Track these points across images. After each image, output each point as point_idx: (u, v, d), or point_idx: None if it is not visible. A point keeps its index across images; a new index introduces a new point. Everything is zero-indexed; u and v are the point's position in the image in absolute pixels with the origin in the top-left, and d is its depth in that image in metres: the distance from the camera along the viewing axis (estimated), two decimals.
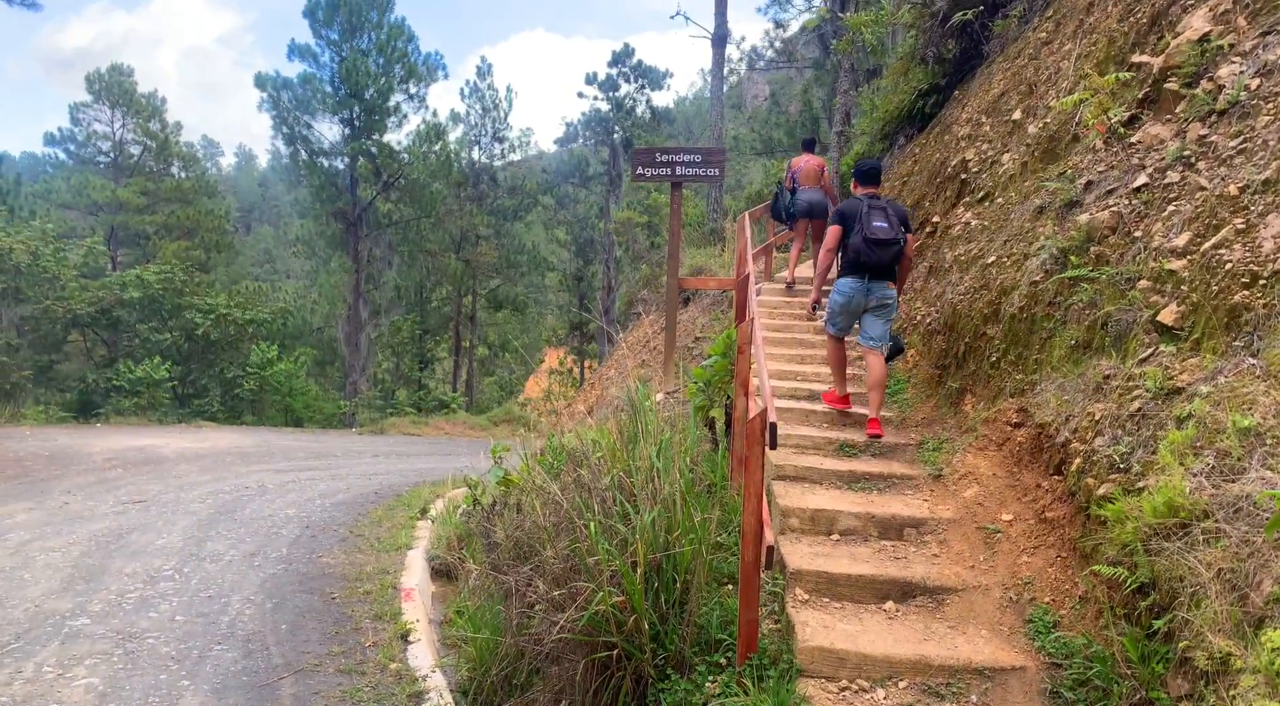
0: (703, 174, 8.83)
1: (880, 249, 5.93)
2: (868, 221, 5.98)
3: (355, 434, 26.26)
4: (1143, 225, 4.75)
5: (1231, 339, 3.77)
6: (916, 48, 9.78)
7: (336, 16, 33.33)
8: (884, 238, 5.91)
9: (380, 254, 35.73)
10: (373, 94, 33.66)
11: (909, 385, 6.60)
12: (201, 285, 34.39)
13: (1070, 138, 6.30)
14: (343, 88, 33.46)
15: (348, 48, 33.55)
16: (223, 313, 30.40)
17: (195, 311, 29.80)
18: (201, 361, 30.97)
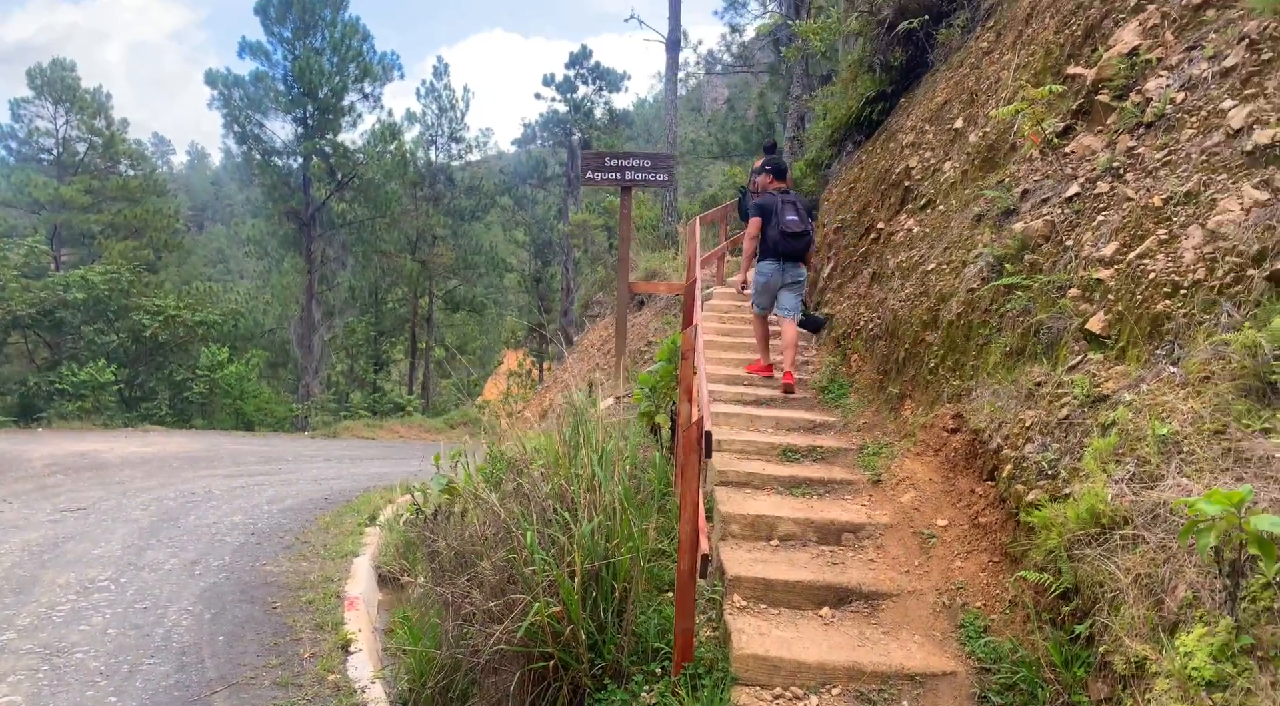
0: (652, 179, 8.85)
1: (794, 239, 7.19)
2: (782, 215, 7.21)
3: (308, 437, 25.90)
4: (1074, 234, 4.85)
5: (1154, 347, 3.86)
6: (864, 55, 9.90)
7: (289, 14, 32.83)
8: (796, 230, 7.17)
9: (334, 254, 35.24)
10: (326, 93, 33.21)
11: (851, 390, 6.68)
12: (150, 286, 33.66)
13: (1008, 147, 6.42)
14: (296, 86, 32.96)
15: (301, 46, 33.07)
16: (171, 314, 29.79)
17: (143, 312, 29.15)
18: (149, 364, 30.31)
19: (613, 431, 4.92)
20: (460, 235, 38.52)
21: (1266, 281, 3.52)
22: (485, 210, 39.97)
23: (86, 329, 27.32)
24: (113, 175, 35.50)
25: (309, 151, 32.94)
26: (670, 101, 16.45)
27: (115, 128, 35.46)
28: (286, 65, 32.99)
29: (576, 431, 4.66)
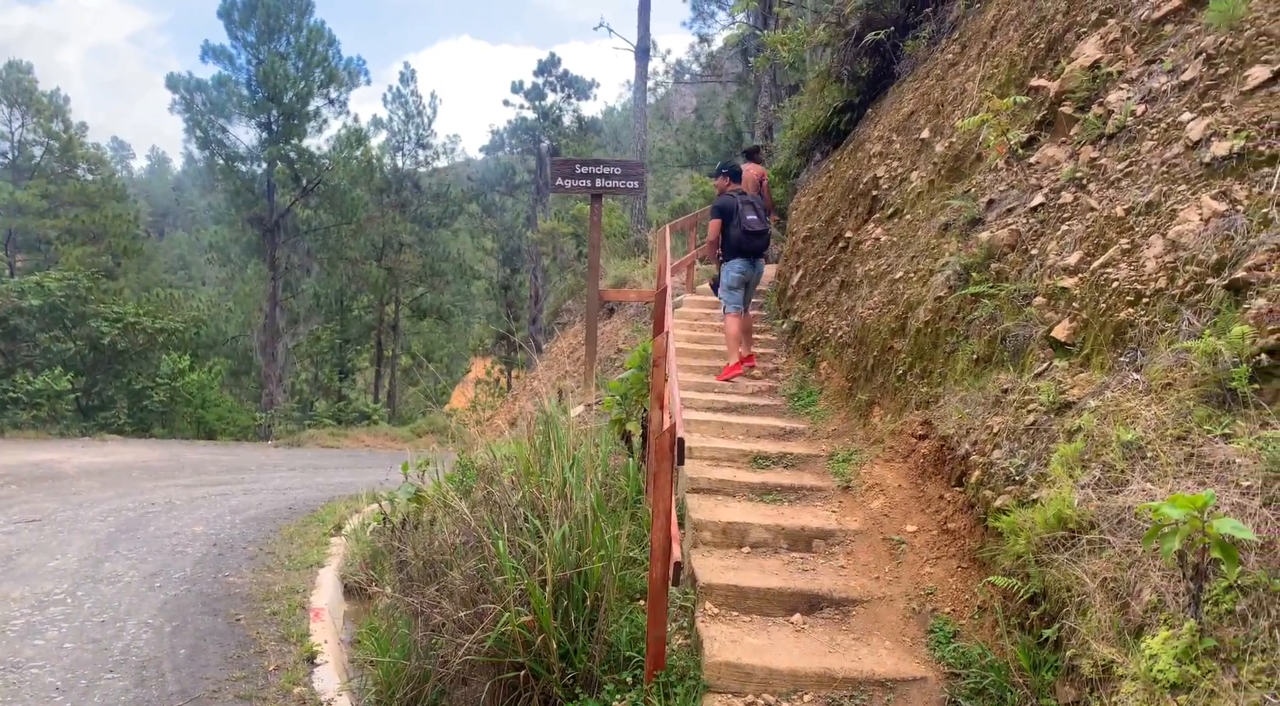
0: (623, 186, 8.86)
1: (756, 237, 7.67)
2: (742, 215, 7.65)
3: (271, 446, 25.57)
4: (1039, 243, 4.93)
5: (1118, 354, 3.93)
6: (832, 66, 10.00)
7: (253, 18, 32.48)
8: (757, 229, 7.65)
9: (299, 261, 34.82)
10: (291, 98, 32.86)
11: (821, 396, 6.72)
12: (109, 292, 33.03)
13: (974, 157, 6.51)
14: (260, 91, 32.59)
15: (265, 50, 32.69)
16: (131, 321, 29.27)
17: (101, 320, 28.61)
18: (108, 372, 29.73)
19: (584, 439, 4.90)
20: (427, 242, 38.25)
21: (1225, 290, 3.59)
22: (453, 217, 39.74)
23: (42, 336, 26.73)
24: (70, 179, 34.84)
25: (273, 157, 32.56)
26: (639, 109, 16.49)
27: (73, 131, 34.82)
28: (250, 70, 32.61)
29: (547, 439, 4.64)
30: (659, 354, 5.05)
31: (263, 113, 32.81)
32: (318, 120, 33.84)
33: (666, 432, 3.59)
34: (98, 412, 28.08)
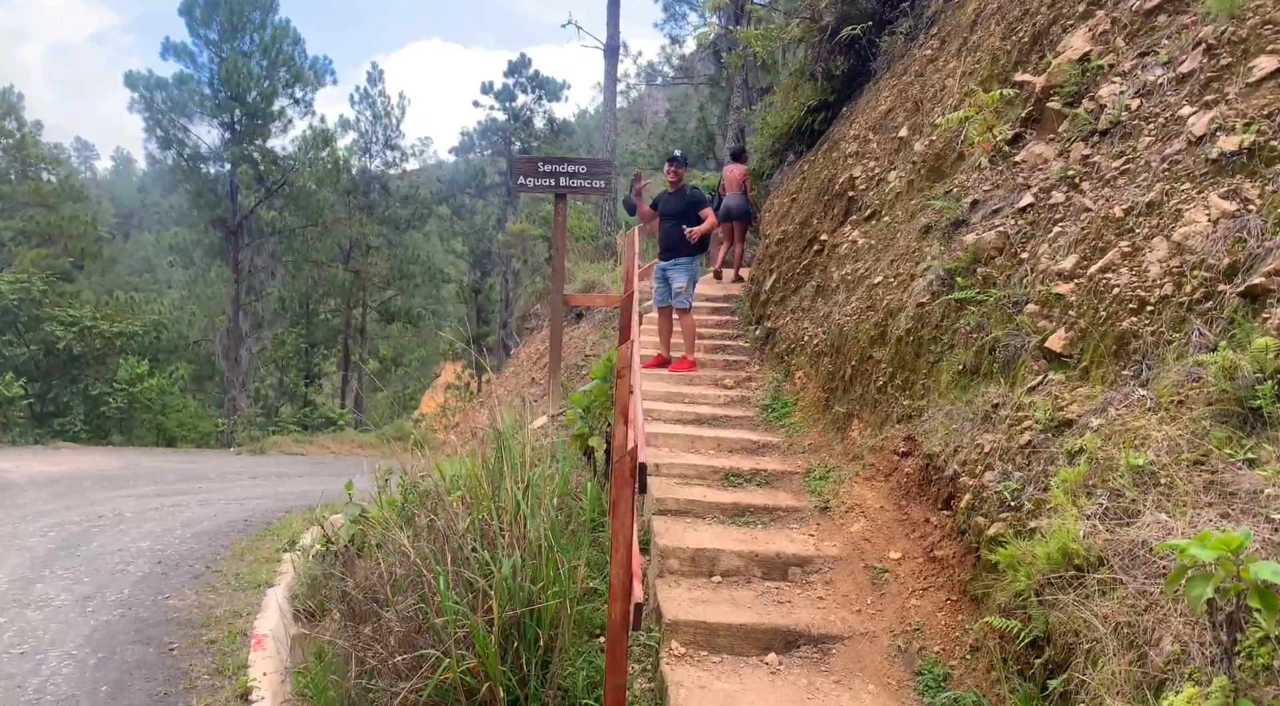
0: (588, 186, 8.47)
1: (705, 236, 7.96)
2: None
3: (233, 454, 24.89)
4: (1029, 246, 4.60)
5: (1120, 367, 3.59)
6: (806, 64, 9.68)
7: (215, 15, 31.69)
8: None
9: (263, 264, 34.01)
10: (255, 97, 32.12)
11: (796, 408, 6.36)
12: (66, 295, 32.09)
13: (956, 156, 6.19)
14: (223, 90, 31.82)
15: (228, 48, 31.93)
16: (88, 325, 28.43)
17: (56, 323, 27.76)
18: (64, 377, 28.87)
19: (544, 455, 4.50)
20: (395, 245, 37.56)
21: (1240, 298, 3.27)
22: (421, 219, 39.08)
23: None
24: (25, 180, 33.78)
25: (236, 157, 31.80)
26: (609, 109, 16.09)
27: (26, 129, 33.77)
28: (213, 68, 31.84)
29: (500, 458, 4.22)
30: (623, 364, 4.65)
31: (225, 112, 32.05)
32: (282, 120, 33.09)
33: (628, 455, 3.19)
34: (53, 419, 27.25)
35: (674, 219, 7.79)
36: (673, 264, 7.77)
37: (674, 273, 7.74)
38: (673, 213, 7.80)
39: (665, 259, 7.89)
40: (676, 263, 7.76)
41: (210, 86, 32.07)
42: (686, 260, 7.80)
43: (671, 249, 7.82)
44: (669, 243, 7.83)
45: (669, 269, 7.80)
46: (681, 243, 7.77)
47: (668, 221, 7.83)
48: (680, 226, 7.73)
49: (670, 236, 7.80)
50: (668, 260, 7.86)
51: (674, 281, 7.72)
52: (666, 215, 7.87)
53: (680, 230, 7.74)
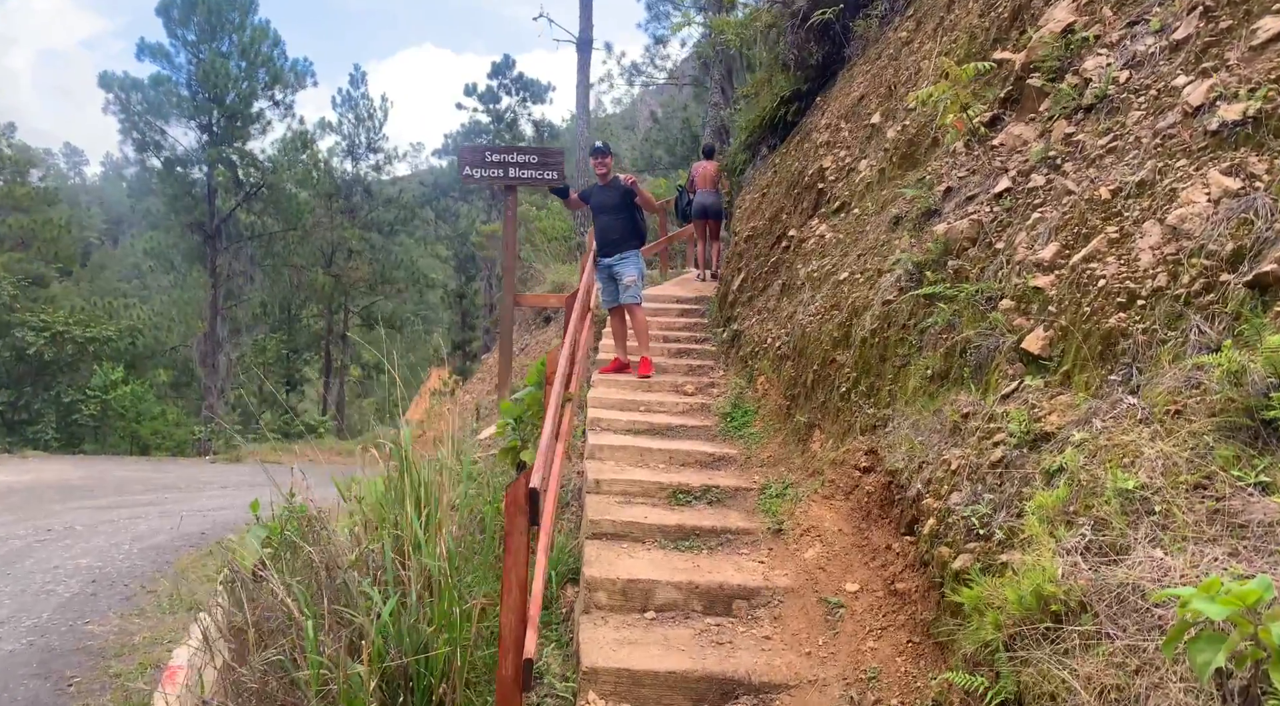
0: (540, 177, 7.96)
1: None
2: None
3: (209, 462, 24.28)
4: (1005, 235, 4.09)
5: (1107, 372, 3.07)
6: (780, 52, 9.18)
7: (194, 16, 31.12)
8: None
9: (241, 268, 33.40)
10: (234, 99, 31.58)
11: (757, 417, 5.83)
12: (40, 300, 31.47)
13: (930, 142, 5.69)
14: (201, 91, 31.27)
15: (206, 49, 31.37)
16: (60, 330, 27.81)
17: (27, 329, 27.14)
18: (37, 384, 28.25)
19: (464, 473, 3.97)
20: (378, 249, 36.96)
21: (1247, 289, 2.75)
22: (405, 223, 38.51)
23: None
24: None
25: (214, 159, 31.22)
26: (581, 103, 15.58)
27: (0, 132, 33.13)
28: (191, 69, 31.28)
29: (402, 478, 3.69)
30: (552, 370, 4.13)
31: (204, 114, 31.53)
32: (261, 122, 32.59)
33: (517, 484, 2.66)
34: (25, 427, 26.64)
35: (610, 213, 7.21)
36: (618, 259, 7.23)
37: (621, 267, 7.21)
38: (608, 206, 7.23)
39: (608, 255, 7.30)
40: (623, 257, 7.21)
41: (188, 88, 31.53)
42: (633, 253, 7.26)
43: (614, 243, 7.24)
44: (610, 237, 7.25)
45: (615, 265, 7.25)
46: (623, 235, 7.24)
47: (604, 216, 7.26)
48: (620, 219, 7.20)
49: (610, 231, 7.22)
50: (612, 256, 7.27)
51: (622, 276, 7.18)
52: (601, 210, 7.31)
53: (620, 223, 7.20)
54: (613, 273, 7.27)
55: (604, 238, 7.29)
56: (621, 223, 7.19)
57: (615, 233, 7.21)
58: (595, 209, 7.37)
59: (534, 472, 2.68)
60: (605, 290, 7.45)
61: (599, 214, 7.32)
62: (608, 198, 7.22)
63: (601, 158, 7.21)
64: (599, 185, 7.41)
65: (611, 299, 7.36)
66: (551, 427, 3.17)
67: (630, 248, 7.23)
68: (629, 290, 7.13)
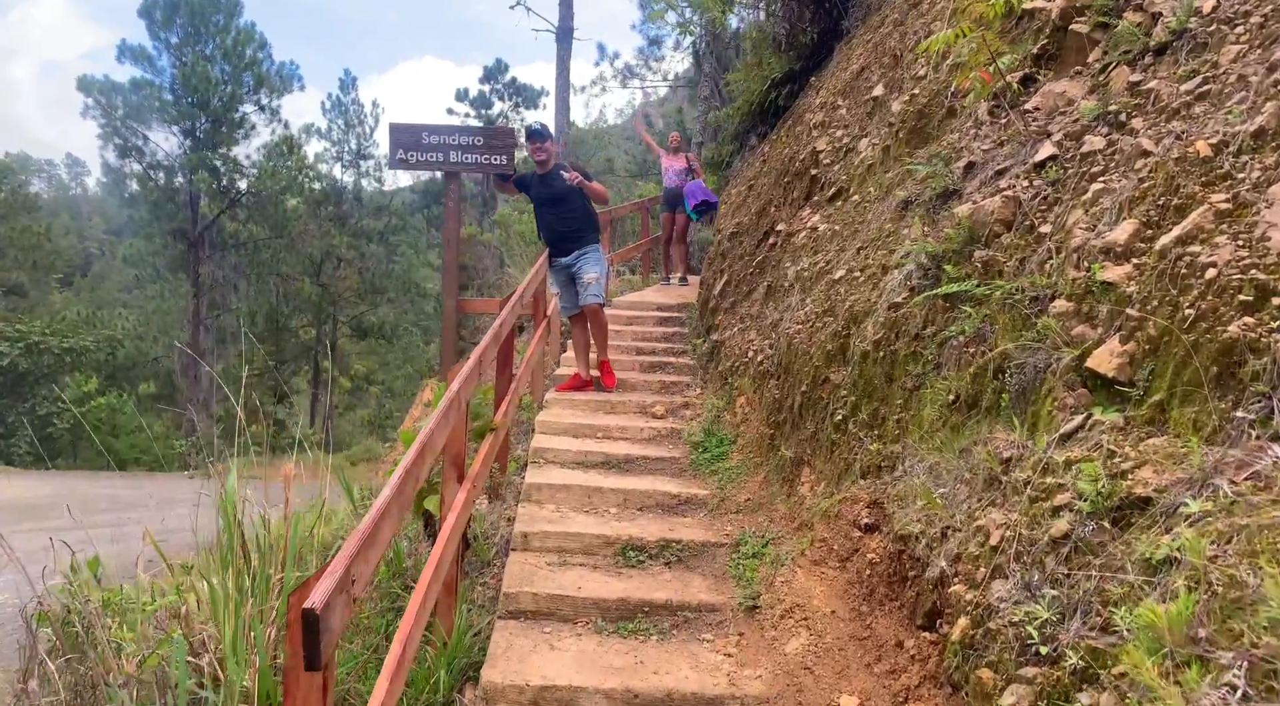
0: (486, 162, 6.91)
1: None
2: None
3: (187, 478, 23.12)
4: (1054, 214, 3.06)
5: (1228, 405, 2.04)
6: (770, 28, 8.18)
7: (177, 17, 30.25)
8: None
9: (225, 277, 32.41)
10: (218, 103, 30.69)
11: (734, 447, 4.78)
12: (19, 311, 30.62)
13: (944, 112, 4.66)
14: (184, 95, 30.39)
15: (190, 52, 30.49)
16: (35, 341, 26.88)
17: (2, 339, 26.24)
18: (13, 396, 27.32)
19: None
20: (368, 257, 35.99)
21: None
22: (396, 231, 37.53)
23: None
24: None
25: (197, 165, 30.26)
26: (561, 96, 14.58)
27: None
28: (174, 73, 30.38)
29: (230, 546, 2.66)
30: (449, 397, 3.10)
31: (187, 119, 30.65)
32: (246, 127, 31.66)
33: (293, 598, 1.62)
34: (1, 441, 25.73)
35: (559, 205, 6.19)
36: (577, 256, 6.20)
37: (581, 264, 6.17)
38: (555, 196, 6.19)
39: (564, 253, 6.26)
40: (582, 253, 6.19)
41: (171, 91, 30.65)
42: (593, 247, 6.25)
43: (568, 237, 6.22)
44: (563, 231, 6.23)
45: (574, 264, 6.23)
46: (579, 227, 6.23)
47: (552, 208, 6.24)
48: (572, 211, 6.20)
49: (562, 224, 6.20)
50: (569, 254, 6.23)
51: (582, 274, 6.13)
52: (548, 201, 6.27)
53: (574, 214, 6.21)
54: (571, 273, 6.24)
55: (555, 234, 6.27)
56: (575, 214, 6.18)
57: (569, 225, 6.20)
58: (540, 201, 6.32)
59: (330, 573, 1.65)
60: (564, 295, 6.42)
61: (545, 206, 6.28)
62: (553, 187, 6.18)
63: (540, 142, 6.16)
64: (538, 174, 6.34)
65: (571, 305, 6.33)
66: (399, 479, 2.14)
67: (590, 241, 6.21)
68: (589, 288, 6.08)
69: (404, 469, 2.35)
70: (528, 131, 6.24)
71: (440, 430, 2.90)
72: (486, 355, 3.64)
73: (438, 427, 2.65)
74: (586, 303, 6.16)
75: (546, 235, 6.39)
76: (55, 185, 72.73)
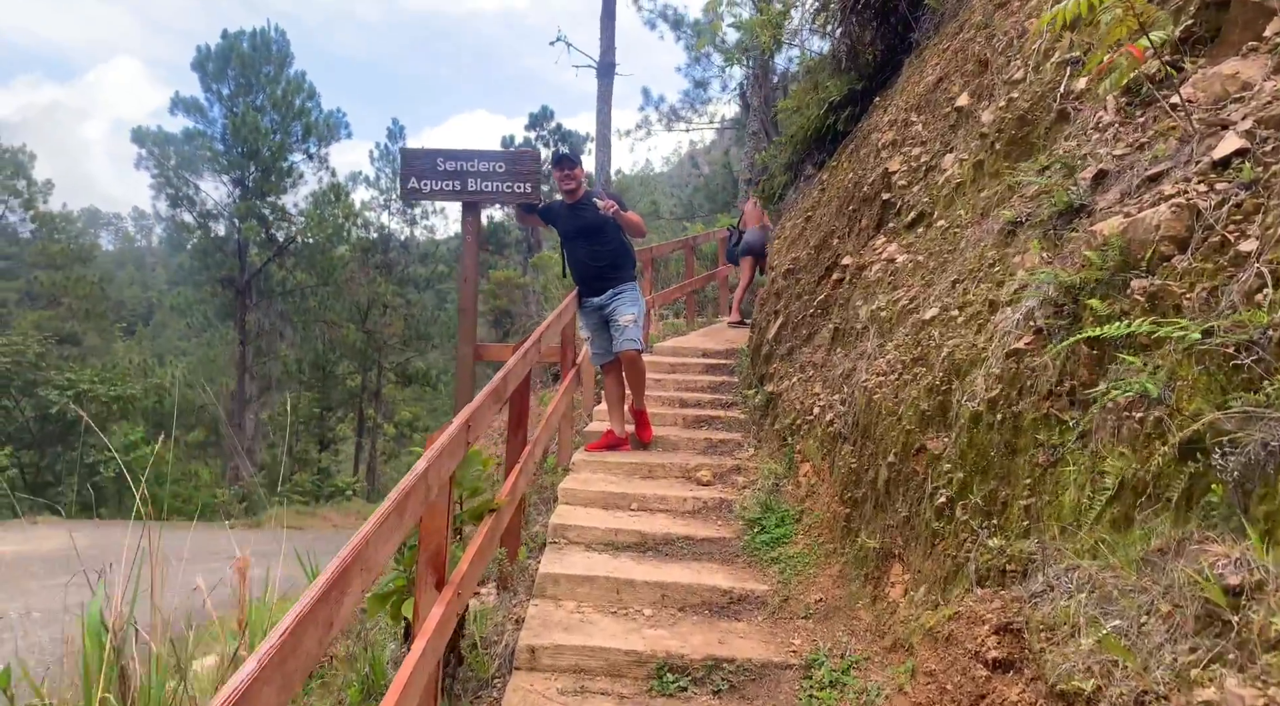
0: (509, 190, 6.20)
1: None
2: None
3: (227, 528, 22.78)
4: (1256, 226, 2.18)
5: None
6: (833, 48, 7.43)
7: (229, 69, 30.73)
8: None
9: (270, 324, 32.39)
10: (267, 152, 30.98)
11: (799, 527, 3.89)
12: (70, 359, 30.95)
13: (1053, 116, 3.81)
14: (234, 145, 30.74)
15: (241, 103, 30.91)
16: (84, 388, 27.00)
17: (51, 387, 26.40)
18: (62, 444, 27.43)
19: None
20: (414, 304, 35.86)
21: None
22: (443, 279, 37.43)
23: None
24: (34, 240, 32.79)
25: (245, 213, 30.46)
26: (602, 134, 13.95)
27: (35, 189, 32.89)
28: (225, 123, 30.78)
29: None
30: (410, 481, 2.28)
31: (237, 168, 30.97)
32: (294, 176, 31.89)
33: None
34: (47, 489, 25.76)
35: (591, 238, 5.50)
36: (611, 296, 5.45)
37: (616, 306, 5.43)
38: (587, 229, 5.50)
39: (597, 292, 5.55)
40: (616, 293, 5.44)
41: (222, 141, 31.05)
42: (629, 286, 5.51)
43: (602, 276, 5.51)
44: (595, 268, 5.52)
45: (608, 304, 5.47)
46: (614, 264, 5.52)
47: (583, 243, 5.54)
48: (606, 245, 5.48)
49: (595, 260, 5.50)
50: (602, 294, 5.51)
51: (618, 316, 5.40)
52: (578, 234, 5.57)
53: (608, 249, 5.49)
54: (605, 315, 5.47)
55: (587, 270, 5.56)
56: (609, 249, 5.47)
57: (602, 261, 5.49)
58: (569, 235, 5.63)
59: None
60: (596, 341, 5.64)
61: (575, 240, 5.58)
62: (584, 218, 5.48)
63: (568, 169, 5.51)
64: (566, 204, 5.67)
65: (605, 351, 5.54)
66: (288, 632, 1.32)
67: (625, 279, 5.45)
68: (626, 332, 5.30)
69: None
70: (555, 157, 5.57)
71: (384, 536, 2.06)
72: (479, 417, 2.83)
73: (377, 535, 1.83)
74: (622, 348, 5.39)
75: (577, 273, 5.69)
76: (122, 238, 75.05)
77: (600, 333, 5.59)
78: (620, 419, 5.50)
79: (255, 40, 30.64)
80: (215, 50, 29.70)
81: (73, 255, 32.75)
